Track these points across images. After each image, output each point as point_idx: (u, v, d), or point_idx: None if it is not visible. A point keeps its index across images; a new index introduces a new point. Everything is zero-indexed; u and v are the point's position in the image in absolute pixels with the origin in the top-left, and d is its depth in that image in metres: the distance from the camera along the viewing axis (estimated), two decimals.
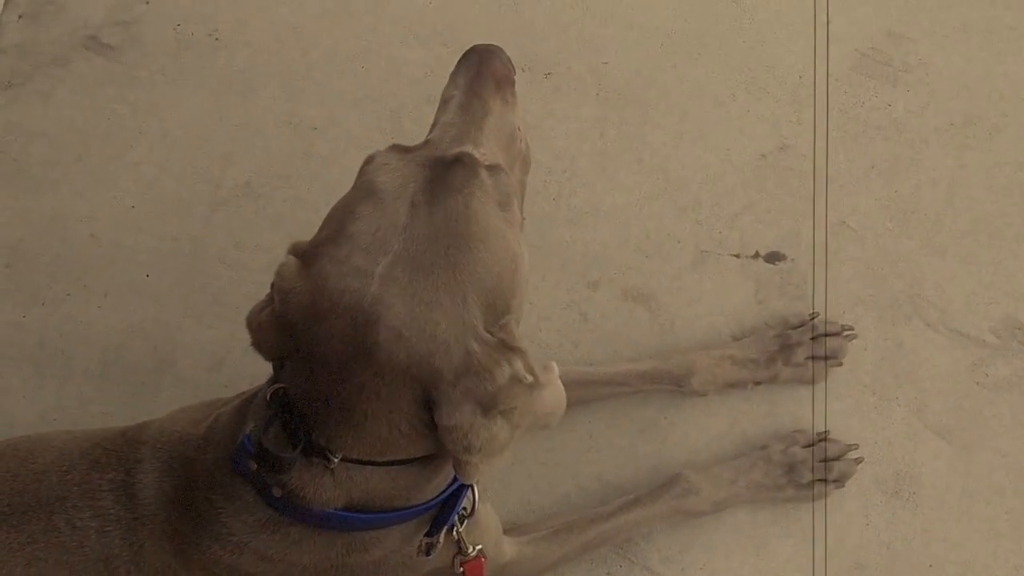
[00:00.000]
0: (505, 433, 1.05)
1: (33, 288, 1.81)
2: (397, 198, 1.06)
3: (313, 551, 1.18)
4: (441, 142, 1.13)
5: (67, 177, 1.86)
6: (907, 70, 1.91)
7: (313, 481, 1.10)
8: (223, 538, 1.17)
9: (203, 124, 1.89)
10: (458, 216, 1.05)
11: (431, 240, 1.03)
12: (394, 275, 1.02)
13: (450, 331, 1.02)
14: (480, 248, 1.05)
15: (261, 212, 1.84)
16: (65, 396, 1.75)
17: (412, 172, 1.08)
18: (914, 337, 1.77)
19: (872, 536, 1.69)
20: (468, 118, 1.15)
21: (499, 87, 1.19)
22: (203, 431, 1.23)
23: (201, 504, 1.18)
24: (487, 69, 1.19)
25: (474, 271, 1.04)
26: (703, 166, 1.86)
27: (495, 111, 1.18)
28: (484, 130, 1.15)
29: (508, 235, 1.09)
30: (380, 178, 1.08)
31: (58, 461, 1.27)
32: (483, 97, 1.17)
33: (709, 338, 1.77)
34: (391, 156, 1.11)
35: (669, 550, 1.67)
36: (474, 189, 1.07)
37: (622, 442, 1.73)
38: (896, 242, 1.82)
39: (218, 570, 1.21)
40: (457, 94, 1.18)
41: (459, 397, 1.01)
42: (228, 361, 1.76)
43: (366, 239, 1.04)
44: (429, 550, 1.23)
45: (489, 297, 1.05)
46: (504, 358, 1.03)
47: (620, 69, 1.91)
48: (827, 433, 1.70)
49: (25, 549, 1.23)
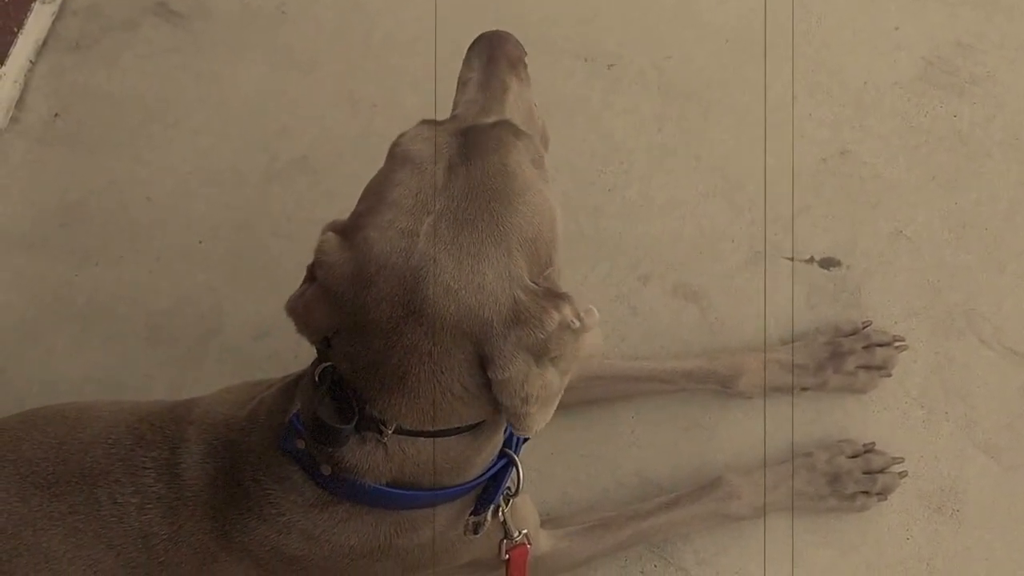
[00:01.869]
0: (557, 380, 1.06)
1: (86, 249, 1.82)
2: (434, 163, 1.07)
3: (361, 531, 1.18)
4: (468, 116, 1.15)
5: (127, 141, 1.87)
6: (974, 82, 1.88)
7: (364, 456, 1.10)
8: (271, 519, 1.18)
9: (263, 96, 1.89)
10: (496, 172, 1.06)
11: (472, 196, 1.04)
12: (439, 231, 1.03)
13: (497, 282, 1.02)
14: (520, 201, 1.06)
15: (315, 187, 1.84)
16: (110, 357, 1.77)
17: (445, 140, 1.10)
18: (966, 352, 1.74)
19: (912, 551, 1.66)
20: (489, 95, 1.18)
21: (513, 66, 1.21)
22: (246, 413, 1.23)
23: (248, 485, 1.18)
24: (500, 51, 1.22)
25: (516, 223, 1.05)
26: (761, 167, 1.84)
27: (513, 88, 1.20)
28: (506, 104, 1.18)
29: (544, 190, 1.10)
30: (414, 147, 1.10)
31: (104, 433, 1.28)
32: (500, 75, 1.20)
33: (758, 341, 1.75)
34: (422, 128, 1.13)
35: (705, 552, 1.66)
36: (509, 148, 1.09)
37: (664, 440, 1.71)
38: (954, 255, 1.79)
39: (261, 552, 1.21)
40: (475, 75, 1.21)
41: (511, 348, 1.02)
42: (274, 331, 1.77)
43: (408, 202, 1.05)
44: (477, 529, 1.23)
45: (532, 248, 1.05)
46: (552, 305, 1.03)
47: (683, 65, 1.90)
48: (873, 444, 1.68)
49: (66, 519, 1.23)
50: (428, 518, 1.20)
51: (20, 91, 1.90)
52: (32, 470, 1.25)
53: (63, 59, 1.91)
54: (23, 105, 1.89)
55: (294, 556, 1.20)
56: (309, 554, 1.20)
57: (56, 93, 1.90)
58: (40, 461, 1.26)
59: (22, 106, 1.89)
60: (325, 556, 1.20)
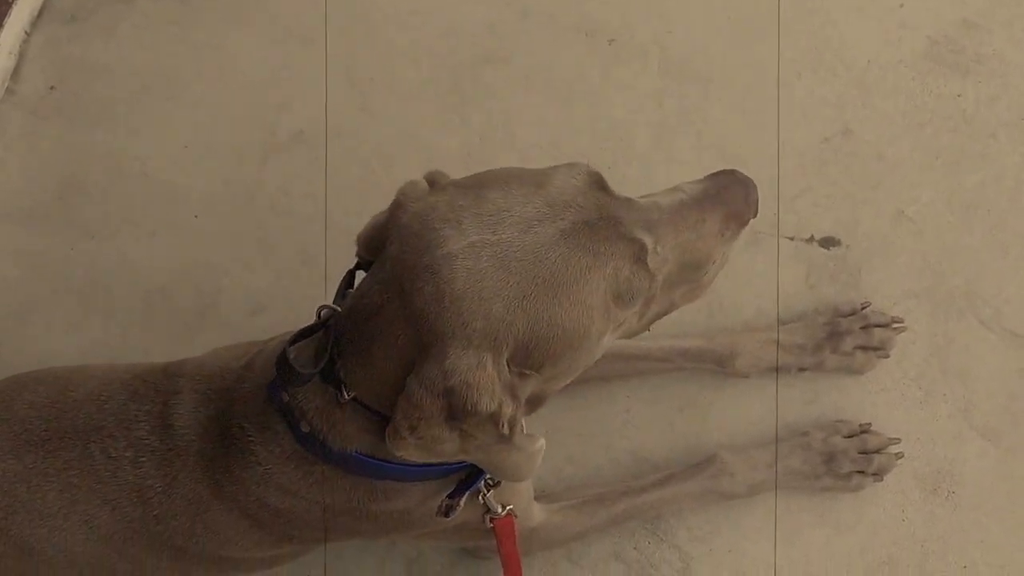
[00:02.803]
0: (451, 447, 1.05)
1: (83, 222, 1.82)
2: (550, 206, 1.03)
3: (335, 493, 1.19)
4: (634, 213, 1.06)
5: (124, 114, 1.87)
6: (980, 61, 1.86)
7: (329, 415, 1.12)
8: (251, 467, 1.19)
9: (262, 71, 1.88)
10: (573, 268, 1.01)
11: (534, 260, 1.01)
12: (480, 253, 1.01)
13: (479, 334, 1.00)
14: (562, 305, 1.02)
15: (313, 162, 1.84)
16: (107, 331, 1.77)
17: (585, 203, 1.04)
18: (966, 334, 1.73)
19: (907, 532, 1.66)
20: (675, 219, 1.08)
21: (727, 218, 1.12)
22: (243, 363, 1.24)
23: (234, 431, 1.19)
24: (729, 196, 1.12)
25: (539, 313, 1.01)
26: (762, 145, 1.82)
27: (704, 234, 1.11)
28: (678, 238, 1.08)
29: (596, 320, 1.04)
30: (558, 181, 1.05)
31: (97, 391, 1.29)
32: (704, 214, 1.10)
33: (756, 320, 1.74)
34: (585, 178, 1.07)
35: (699, 530, 1.66)
36: (608, 265, 1.03)
37: (660, 419, 1.71)
38: (956, 236, 1.77)
39: (248, 502, 1.22)
40: (686, 195, 1.11)
41: (439, 388, 1.01)
42: (270, 308, 1.77)
43: (490, 209, 1.03)
44: (448, 512, 1.23)
45: (532, 343, 1.02)
46: (500, 396, 1.01)
47: (684, 41, 1.88)
48: (869, 425, 1.67)
49: (60, 475, 1.25)
50: (401, 490, 1.20)
51: (15, 63, 1.88)
52: (25, 428, 1.27)
53: (59, 31, 1.90)
54: (18, 77, 1.88)
55: (278, 508, 1.22)
56: (291, 507, 1.21)
57: (52, 65, 1.89)
58: (33, 419, 1.28)
59: (17, 78, 1.88)
60: (306, 510, 1.22)
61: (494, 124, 1.84)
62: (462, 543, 1.58)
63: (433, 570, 1.66)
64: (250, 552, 1.31)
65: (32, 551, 1.27)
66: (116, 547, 1.28)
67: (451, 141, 1.84)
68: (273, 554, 1.35)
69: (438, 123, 1.85)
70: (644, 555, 1.66)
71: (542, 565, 1.65)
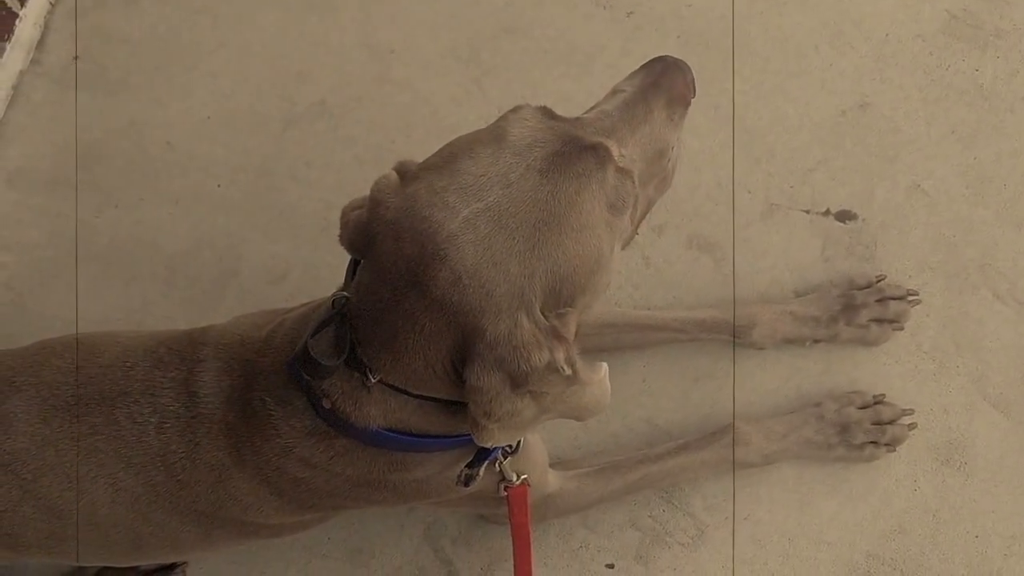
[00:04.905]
0: (530, 412, 1.06)
1: (107, 190, 1.84)
2: (517, 154, 1.04)
3: (356, 464, 1.21)
4: (589, 125, 1.09)
5: (146, 84, 1.88)
6: (999, 35, 1.86)
7: (354, 396, 1.13)
8: (272, 439, 1.20)
9: (282, 41, 1.89)
10: (563, 198, 1.03)
11: (527, 207, 1.02)
12: (477, 222, 1.02)
13: (505, 298, 1.02)
14: (569, 236, 1.03)
15: (333, 132, 1.85)
16: (130, 298, 1.79)
17: (545, 137, 1.06)
18: (980, 307, 1.74)
19: (919, 502, 1.68)
20: (626, 116, 1.11)
21: (670, 102, 1.14)
22: (265, 335, 1.25)
23: (256, 404, 1.21)
24: (666, 81, 1.14)
25: (553, 254, 1.03)
26: (780, 118, 1.83)
27: (655, 122, 1.13)
28: (636, 134, 1.11)
29: (603, 237, 1.06)
30: (513, 129, 1.07)
31: (122, 357, 1.30)
32: (649, 104, 1.13)
33: (772, 292, 1.75)
34: (534, 114, 1.09)
35: (714, 499, 1.68)
36: (592, 181, 1.05)
37: (675, 388, 1.73)
38: (971, 210, 1.78)
39: (268, 471, 1.24)
40: (627, 92, 1.14)
41: (492, 363, 1.02)
42: (290, 276, 1.78)
43: (468, 179, 1.04)
44: (468, 481, 1.25)
45: (557, 284, 1.04)
46: (548, 344, 1.02)
47: (703, 13, 1.88)
48: (883, 396, 1.69)
49: (86, 440, 1.26)
50: (421, 461, 1.22)
51: (41, 33, 1.90)
52: (53, 393, 1.28)
53: (83, 2, 1.91)
54: (43, 47, 1.90)
55: (298, 478, 1.23)
56: (311, 478, 1.23)
57: (76, 36, 1.90)
58: (60, 385, 1.29)
59: (42, 48, 1.90)
60: (326, 480, 1.24)
61: (513, 95, 1.85)
62: (478, 510, 1.60)
63: (450, 535, 1.68)
64: (271, 519, 1.33)
65: (60, 514, 1.29)
66: (140, 511, 1.29)
67: (469, 112, 1.85)
68: (294, 521, 1.37)
69: (457, 94, 1.86)
70: (659, 523, 1.68)
71: (558, 532, 1.67)
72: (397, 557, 1.68)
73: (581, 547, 1.67)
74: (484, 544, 1.68)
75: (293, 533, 1.44)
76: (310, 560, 1.67)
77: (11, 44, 1.85)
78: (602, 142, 1.07)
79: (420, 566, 1.68)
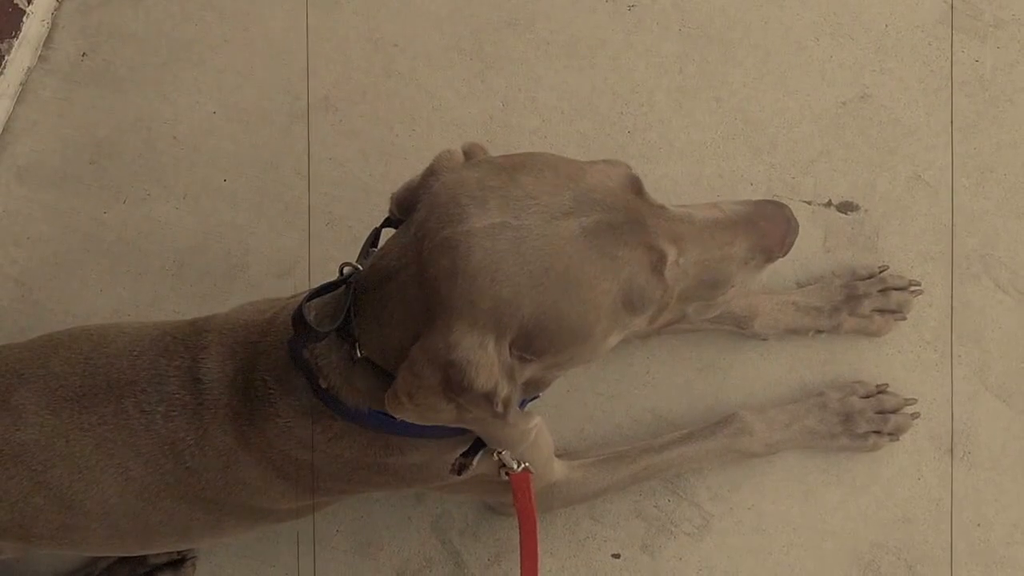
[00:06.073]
0: (448, 416, 1.07)
1: (115, 186, 1.85)
2: (577, 200, 1.02)
3: (353, 447, 1.22)
4: (665, 222, 1.05)
5: (153, 79, 1.89)
6: (998, 26, 1.86)
7: (345, 373, 1.14)
8: (272, 419, 1.22)
9: (287, 35, 1.91)
10: (585, 267, 1.01)
11: (550, 251, 1.01)
12: (500, 235, 1.01)
13: (485, 314, 1.02)
14: (568, 301, 1.02)
15: (338, 126, 1.86)
16: (139, 293, 1.81)
17: (614, 204, 1.03)
18: (982, 297, 1.76)
19: (922, 491, 1.69)
20: (704, 236, 1.07)
21: (756, 247, 1.10)
22: (268, 317, 1.27)
23: (257, 385, 1.22)
24: (766, 227, 1.11)
25: (545, 304, 1.02)
26: (782, 109, 1.84)
27: (729, 259, 1.10)
28: (703, 255, 1.08)
29: (602, 321, 1.04)
30: (593, 179, 1.05)
31: (129, 347, 1.32)
32: (736, 237, 1.09)
33: (774, 282, 1.76)
34: (622, 177, 1.07)
35: (719, 488, 1.69)
36: (621, 271, 1.02)
37: (679, 379, 1.74)
38: (971, 200, 1.79)
39: (273, 454, 1.25)
40: (724, 215, 1.10)
41: (440, 360, 1.02)
42: (297, 270, 1.80)
43: (519, 193, 1.03)
44: (461, 470, 1.25)
45: (535, 331, 1.03)
46: (497, 376, 1.03)
47: (704, 5, 1.89)
48: (886, 386, 1.70)
49: (96, 430, 1.28)
50: (417, 445, 1.23)
51: (48, 30, 1.92)
52: (61, 384, 1.30)
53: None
54: (51, 44, 1.92)
55: (300, 461, 1.25)
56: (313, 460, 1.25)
57: (83, 32, 1.92)
58: (68, 375, 1.30)
59: (50, 45, 1.91)
60: (326, 463, 1.25)
61: (516, 88, 1.86)
62: (482, 497, 1.61)
63: (458, 527, 1.69)
64: (278, 503, 1.34)
65: (70, 504, 1.31)
66: (150, 499, 1.31)
67: (473, 106, 1.86)
68: (301, 504, 1.39)
69: (460, 87, 1.88)
70: (664, 512, 1.69)
71: (564, 522, 1.68)
72: (405, 549, 1.70)
73: (587, 537, 1.68)
74: (492, 535, 1.70)
75: (299, 517, 1.46)
76: (319, 552, 1.69)
77: (19, 41, 1.86)
78: (660, 245, 1.04)
79: (428, 558, 1.69)
